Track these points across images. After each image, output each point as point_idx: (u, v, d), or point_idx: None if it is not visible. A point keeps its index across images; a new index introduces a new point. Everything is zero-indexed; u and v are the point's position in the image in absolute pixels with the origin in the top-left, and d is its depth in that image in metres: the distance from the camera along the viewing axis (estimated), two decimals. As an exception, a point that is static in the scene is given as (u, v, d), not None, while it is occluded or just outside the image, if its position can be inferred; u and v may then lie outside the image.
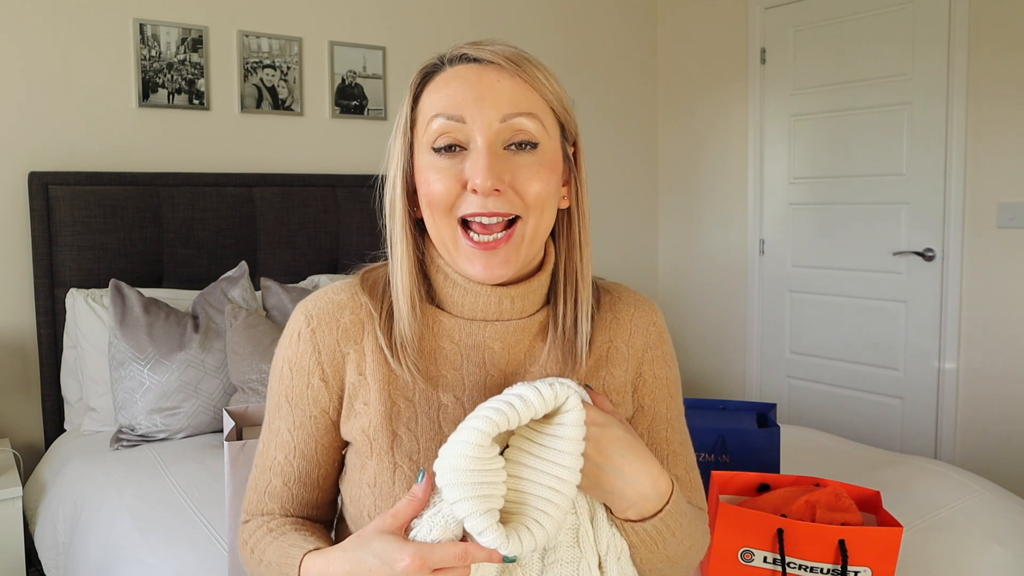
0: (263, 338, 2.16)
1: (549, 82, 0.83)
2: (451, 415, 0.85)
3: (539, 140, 0.81)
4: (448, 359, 0.87)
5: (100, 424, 2.24)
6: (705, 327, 3.83)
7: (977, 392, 2.90)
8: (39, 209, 2.31)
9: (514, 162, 0.80)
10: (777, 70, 3.44)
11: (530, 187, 0.80)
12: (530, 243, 0.82)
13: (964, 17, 2.83)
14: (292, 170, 2.86)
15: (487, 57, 0.81)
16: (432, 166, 0.80)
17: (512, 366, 0.88)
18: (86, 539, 1.73)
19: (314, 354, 0.87)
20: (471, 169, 0.78)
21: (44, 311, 2.34)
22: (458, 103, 0.79)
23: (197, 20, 2.64)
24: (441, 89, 0.81)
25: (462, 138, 0.80)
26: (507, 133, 0.80)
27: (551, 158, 0.82)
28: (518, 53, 0.83)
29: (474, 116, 0.78)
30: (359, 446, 0.87)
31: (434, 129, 0.80)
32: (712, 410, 1.80)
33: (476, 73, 0.80)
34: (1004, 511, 1.63)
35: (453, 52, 0.83)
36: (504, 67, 0.80)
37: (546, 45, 3.50)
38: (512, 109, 0.79)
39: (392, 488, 0.83)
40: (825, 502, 1.27)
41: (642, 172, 3.91)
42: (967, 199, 2.88)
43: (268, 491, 0.90)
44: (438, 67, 0.83)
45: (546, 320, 0.90)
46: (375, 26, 3.03)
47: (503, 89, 0.79)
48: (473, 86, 0.79)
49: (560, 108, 0.85)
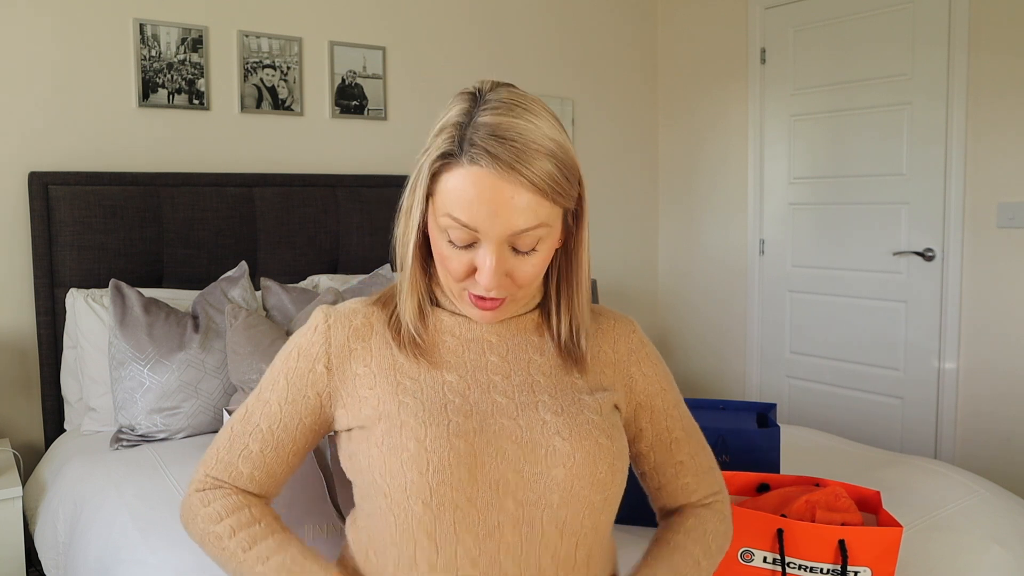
0: (263, 338, 2.16)
1: (560, 179, 0.86)
2: (456, 387, 0.93)
3: (542, 239, 0.88)
4: (450, 349, 0.96)
5: (100, 424, 2.24)
6: (705, 327, 3.83)
7: (977, 392, 2.90)
8: (39, 209, 2.31)
9: (515, 260, 0.88)
10: (777, 70, 3.44)
11: (525, 276, 0.89)
12: (523, 299, 0.94)
13: (964, 17, 2.83)
14: (292, 170, 2.86)
15: (504, 167, 0.83)
16: (447, 249, 0.88)
17: (511, 353, 0.96)
18: (86, 539, 1.73)
19: (324, 344, 0.96)
20: (479, 268, 0.87)
21: (44, 311, 2.34)
22: (474, 215, 0.84)
23: (197, 20, 2.64)
24: (459, 189, 0.84)
25: (474, 239, 0.87)
26: (513, 240, 0.87)
27: (549, 246, 0.90)
28: (535, 150, 0.84)
29: (486, 229, 0.85)
30: (368, 419, 0.92)
31: (451, 225, 0.86)
32: (712, 410, 1.80)
33: (492, 186, 0.83)
34: (1004, 511, 1.63)
35: (472, 151, 0.84)
36: (519, 182, 0.83)
37: (546, 45, 3.50)
38: (523, 225, 0.85)
39: (400, 439, 0.88)
40: (825, 502, 1.27)
41: (642, 172, 3.91)
42: (967, 199, 2.88)
43: (243, 454, 0.97)
44: (455, 155, 0.85)
45: (539, 318, 1.00)
46: (375, 26, 3.03)
47: (517, 206, 0.84)
48: (488, 201, 0.83)
49: (567, 199, 0.88)
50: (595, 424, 0.92)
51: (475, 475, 0.86)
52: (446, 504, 0.85)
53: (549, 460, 0.88)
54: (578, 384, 0.96)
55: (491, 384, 0.93)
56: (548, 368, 0.96)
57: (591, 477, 0.89)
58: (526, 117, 0.85)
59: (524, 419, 0.91)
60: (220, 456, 0.98)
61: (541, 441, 0.89)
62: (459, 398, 0.91)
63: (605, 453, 0.91)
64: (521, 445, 0.89)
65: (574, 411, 0.93)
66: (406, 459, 0.86)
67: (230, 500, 0.95)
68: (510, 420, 0.90)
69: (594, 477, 0.89)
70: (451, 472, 0.86)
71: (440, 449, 0.86)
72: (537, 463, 0.88)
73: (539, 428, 0.90)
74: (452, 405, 0.91)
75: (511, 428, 0.90)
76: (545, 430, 0.90)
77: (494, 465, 0.87)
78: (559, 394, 0.94)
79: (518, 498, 0.87)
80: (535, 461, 0.88)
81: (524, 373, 0.95)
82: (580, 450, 0.89)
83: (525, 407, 0.92)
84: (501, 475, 0.87)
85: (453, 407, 0.90)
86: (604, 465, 0.90)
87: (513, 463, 0.88)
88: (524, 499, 0.87)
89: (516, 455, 0.88)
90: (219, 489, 0.97)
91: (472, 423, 0.89)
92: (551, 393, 0.94)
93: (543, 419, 0.91)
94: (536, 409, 0.92)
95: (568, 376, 0.97)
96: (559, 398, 0.94)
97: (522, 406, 0.92)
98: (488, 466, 0.87)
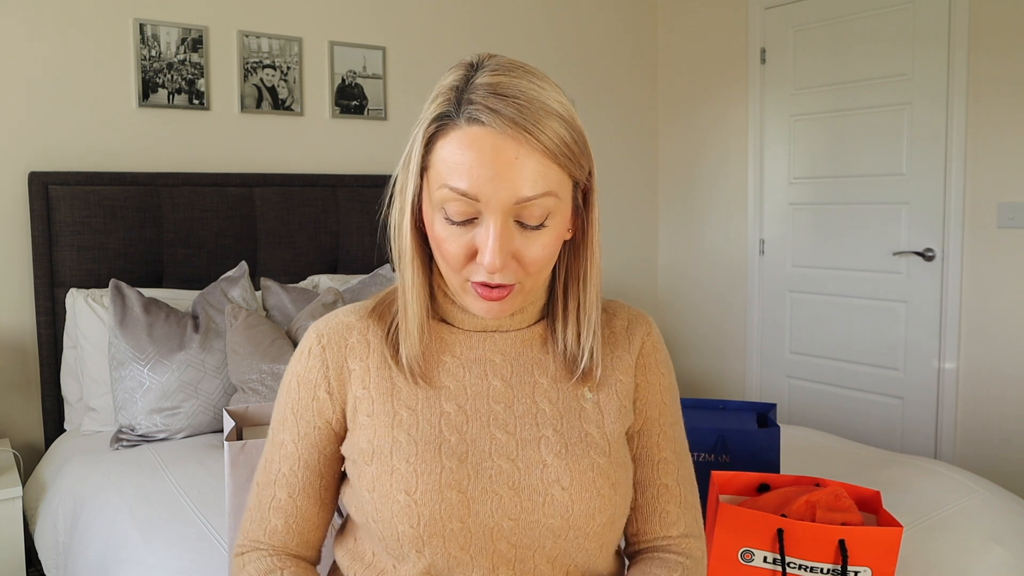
0: (263, 338, 2.16)
1: (570, 142, 0.78)
2: (453, 421, 0.87)
3: (551, 214, 0.80)
4: (450, 372, 0.90)
5: (100, 424, 2.24)
6: (705, 327, 3.83)
7: (977, 392, 2.90)
8: (39, 209, 2.31)
9: (522, 237, 0.80)
10: (777, 70, 3.44)
11: (534, 260, 0.81)
12: (531, 290, 0.85)
13: (964, 17, 2.83)
14: (292, 170, 2.86)
15: (507, 124, 0.75)
16: (444, 229, 0.80)
17: (515, 376, 0.90)
18: (86, 539, 1.73)
19: (322, 368, 0.91)
20: (481, 246, 0.79)
21: (44, 311, 2.34)
22: (474, 180, 0.76)
23: (197, 20, 2.64)
24: (456, 153, 0.77)
25: (474, 211, 0.79)
26: (519, 211, 0.79)
27: (559, 223, 0.82)
28: (539, 107, 0.76)
29: (488, 197, 0.76)
30: (362, 454, 0.88)
31: (448, 198, 0.78)
32: (712, 410, 1.80)
33: (493, 146, 0.75)
34: (1004, 511, 1.63)
35: (470, 108, 0.76)
36: (524, 140, 0.75)
37: (546, 45, 3.50)
38: (528, 192, 0.77)
39: (390, 490, 0.84)
40: (825, 502, 1.27)
41: (642, 172, 3.91)
42: (967, 199, 2.88)
43: (273, 505, 0.91)
44: (451, 117, 0.78)
45: (545, 332, 0.92)
46: (375, 26, 3.03)
47: (521, 169, 0.76)
48: (489, 163, 0.75)
49: (578, 167, 0.81)
50: (600, 470, 0.87)
51: (468, 525, 0.83)
52: (439, 552, 0.83)
53: (546, 509, 0.84)
54: (587, 412, 0.90)
55: (492, 416, 0.88)
56: (555, 394, 0.90)
57: (587, 528, 0.86)
58: (529, 79, 0.77)
59: (523, 460, 0.86)
60: (252, 515, 0.93)
61: (539, 488, 0.85)
62: (456, 435, 0.86)
63: (606, 505, 0.86)
64: (518, 491, 0.84)
65: (579, 452, 0.87)
66: (396, 511, 0.83)
67: (263, 563, 0.89)
68: (508, 462, 0.85)
69: (590, 528, 0.86)
70: (443, 524, 0.82)
71: (431, 502, 0.82)
72: (534, 511, 0.84)
73: (539, 472, 0.85)
74: (447, 445, 0.85)
75: (509, 471, 0.85)
76: (545, 476, 0.85)
77: (488, 514, 0.83)
78: (565, 427, 0.88)
79: (512, 542, 0.84)
80: (532, 509, 0.84)
81: (528, 401, 0.89)
82: (579, 502, 0.85)
83: (526, 444, 0.87)
84: (496, 523, 0.84)
85: (448, 448, 0.85)
86: (603, 517, 0.86)
87: (508, 511, 0.84)
88: (518, 542, 0.84)
89: (512, 502, 0.84)
90: (256, 551, 0.91)
91: (467, 468, 0.84)
92: (556, 427, 0.88)
93: (544, 461, 0.86)
94: (538, 447, 0.87)
95: (576, 401, 0.90)
96: (564, 433, 0.88)
97: (523, 443, 0.87)
98: (482, 515, 0.83)
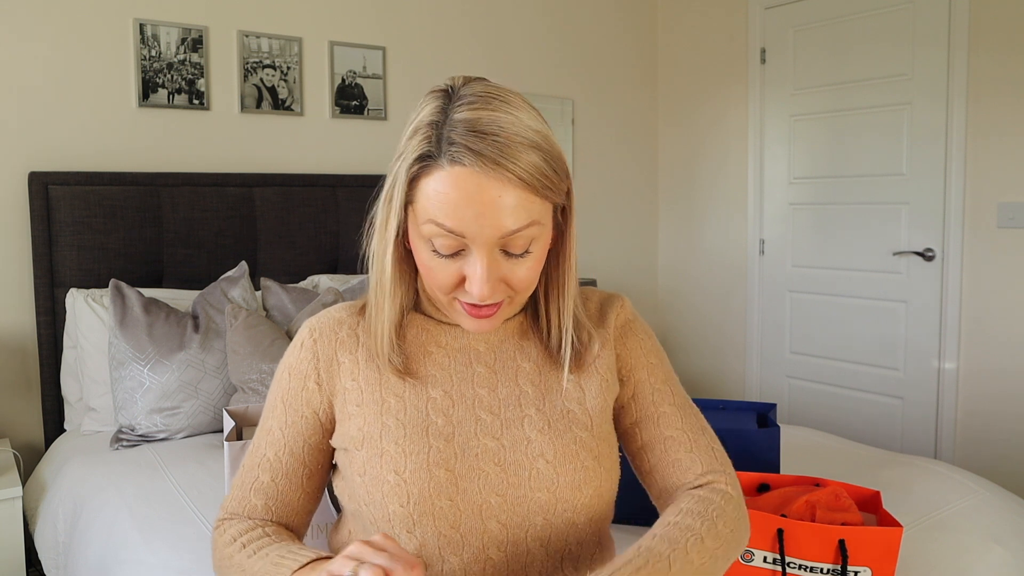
0: (263, 338, 2.16)
1: (549, 172, 0.81)
2: (439, 405, 0.90)
3: (535, 239, 0.83)
4: (436, 361, 0.93)
5: (100, 424, 2.24)
6: (705, 327, 3.83)
7: (977, 392, 2.90)
8: (39, 209, 2.31)
9: (508, 264, 0.83)
10: (777, 70, 3.44)
11: (521, 280, 0.84)
12: (520, 303, 0.90)
13: (964, 17, 2.83)
14: (292, 170, 2.86)
15: (488, 165, 0.77)
16: (432, 260, 0.83)
17: (499, 362, 0.94)
18: (86, 539, 1.73)
19: (313, 360, 0.94)
20: (470, 277, 0.82)
21: (44, 311, 2.34)
22: (460, 219, 0.79)
23: (197, 20, 2.64)
24: (441, 193, 0.79)
25: (461, 245, 0.81)
26: (505, 242, 0.81)
27: (543, 245, 0.85)
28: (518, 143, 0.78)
29: (475, 233, 0.79)
30: (352, 441, 0.90)
31: (435, 233, 0.80)
32: (712, 410, 1.80)
33: (477, 185, 0.78)
34: (1004, 511, 1.63)
35: (451, 149, 0.78)
36: (505, 179, 0.78)
37: (546, 45, 3.50)
38: (513, 226, 0.79)
39: (380, 471, 0.86)
40: (825, 502, 1.27)
41: (642, 172, 3.91)
42: (967, 199, 2.88)
43: (255, 487, 0.94)
44: (433, 157, 0.79)
45: (526, 321, 0.97)
46: (375, 26, 3.03)
47: (504, 205, 0.78)
48: (474, 203, 0.78)
49: (557, 193, 0.83)
50: (583, 443, 0.90)
51: (456, 502, 0.85)
52: (429, 531, 0.85)
53: (532, 483, 0.87)
54: (568, 391, 0.93)
55: (476, 399, 0.91)
56: (536, 376, 0.93)
57: (574, 501, 0.88)
58: (505, 109, 0.80)
59: (508, 438, 0.89)
60: (234, 493, 0.96)
61: (524, 463, 0.87)
62: (442, 418, 0.89)
63: (591, 477, 0.89)
64: (504, 467, 0.87)
65: (561, 428, 0.90)
66: (387, 491, 0.85)
67: (244, 523, 0.92)
68: (493, 440, 0.88)
69: (578, 501, 0.88)
70: (432, 503, 0.85)
71: (420, 481, 0.85)
72: (520, 486, 0.87)
73: (523, 448, 0.88)
74: (434, 427, 0.88)
75: (494, 449, 0.88)
76: (529, 451, 0.88)
77: (476, 491, 0.86)
78: (547, 406, 0.91)
79: (501, 520, 0.86)
80: (518, 484, 0.87)
81: (511, 384, 0.92)
82: (564, 474, 0.87)
83: (510, 424, 0.90)
84: (484, 500, 0.86)
85: (435, 429, 0.88)
86: (589, 489, 0.88)
87: (495, 487, 0.86)
88: (508, 521, 0.86)
89: (498, 478, 0.87)
90: (235, 519, 0.94)
91: (453, 447, 0.87)
92: (538, 407, 0.91)
93: (528, 437, 0.89)
94: (521, 426, 0.89)
95: (557, 383, 0.93)
96: (546, 412, 0.91)
97: (507, 422, 0.90)
98: (470, 492, 0.86)
